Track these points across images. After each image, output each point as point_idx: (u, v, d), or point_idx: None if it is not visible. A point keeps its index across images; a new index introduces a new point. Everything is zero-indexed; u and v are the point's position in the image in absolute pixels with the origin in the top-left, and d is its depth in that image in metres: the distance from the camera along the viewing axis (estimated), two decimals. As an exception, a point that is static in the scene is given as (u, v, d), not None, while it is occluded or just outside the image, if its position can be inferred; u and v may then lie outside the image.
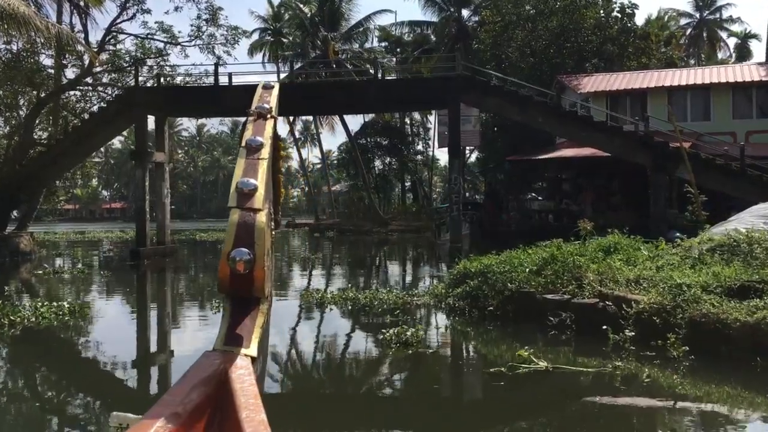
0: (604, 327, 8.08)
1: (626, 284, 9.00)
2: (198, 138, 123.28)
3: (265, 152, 2.01)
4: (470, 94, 22.65)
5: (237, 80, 23.86)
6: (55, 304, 10.45)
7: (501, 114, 23.92)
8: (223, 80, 23.78)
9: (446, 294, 11.11)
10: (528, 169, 30.17)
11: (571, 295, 9.23)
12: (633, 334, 7.87)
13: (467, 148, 37.21)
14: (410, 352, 7.51)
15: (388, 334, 7.87)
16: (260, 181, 1.86)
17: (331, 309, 11.25)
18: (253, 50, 50.01)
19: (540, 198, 32.79)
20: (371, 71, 37.39)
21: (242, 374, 1.58)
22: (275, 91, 2.43)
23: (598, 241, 11.41)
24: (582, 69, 33.51)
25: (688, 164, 17.39)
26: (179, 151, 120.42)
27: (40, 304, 10.42)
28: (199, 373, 1.59)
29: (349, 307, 11.32)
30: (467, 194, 50.71)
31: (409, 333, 7.71)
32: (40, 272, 17.68)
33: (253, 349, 1.70)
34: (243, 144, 2.03)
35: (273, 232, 2.40)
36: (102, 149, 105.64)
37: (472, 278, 10.61)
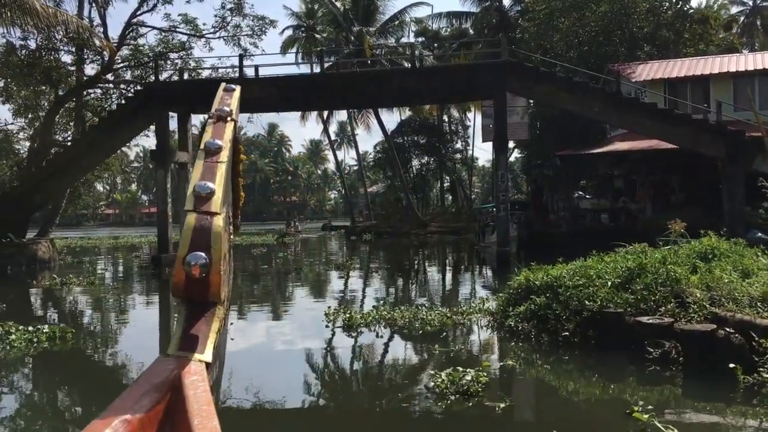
0: (732, 365, 5.97)
1: (749, 304, 6.87)
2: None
3: (224, 155, 1.97)
4: (518, 82, 20.51)
5: (264, 73, 22.20)
6: (30, 328, 8.63)
7: (552, 103, 21.68)
8: (250, 73, 22.18)
9: (504, 312, 9.06)
10: (578, 166, 27.90)
11: (672, 317, 7.12)
12: (774, 375, 5.76)
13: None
14: (471, 405, 5.44)
15: (440, 379, 5.79)
16: (218, 184, 1.82)
17: (361, 332, 9.20)
18: (286, 47, 48.56)
19: (587, 196, 30.56)
20: (407, 66, 35.42)
21: (195, 380, 1.56)
22: (236, 94, 2.32)
23: (692, 245, 9.27)
24: (634, 57, 31.03)
25: (771, 155, 15.07)
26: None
27: (15, 328, 8.62)
28: (151, 378, 1.56)
29: (385, 330, 9.33)
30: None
31: (468, 377, 5.63)
32: (47, 283, 16.07)
33: (207, 355, 1.67)
34: (202, 147, 1.99)
35: (231, 236, 2.31)
36: (141, 153, 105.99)
37: (538, 293, 8.54)
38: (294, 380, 7.11)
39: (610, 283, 8.01)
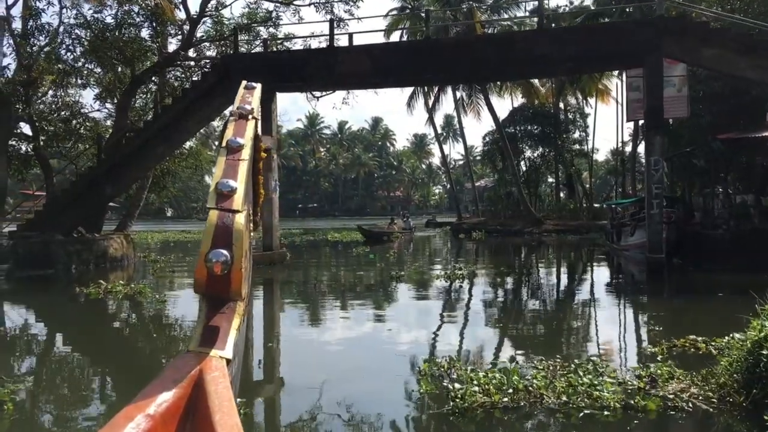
0: None
1: None
2: (339, 135, 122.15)
3: (246, 153, 1.98)
4: (678, 44, 15.97)
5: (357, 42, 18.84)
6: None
7: (724, 70, 16.70)
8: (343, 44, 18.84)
9: (751, 387, 5.01)
10: (724, 153, 22.80)
11: None
12: None
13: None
14: None
15: None
16: (240, 182, 1.84)
17: (483, 424, 5.13)
18: (389, 30, 45.07)
19: (729, 190, 25.43)
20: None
21: (216, 376, 1.55)
22: (257, 92, 2.35)
23: None
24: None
25: None
26: (321, 149, 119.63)
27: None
28: (172, 374, 1.55)
29: (526, 420, 5.23)
30: (624, 188, 42.81)
31: None
32: (88, 291, 13.13)
33: (228, 352, 1.67)
34: (223, 144, 1.99)
35: (252, 233, 2.32)
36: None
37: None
38: None
39: None
